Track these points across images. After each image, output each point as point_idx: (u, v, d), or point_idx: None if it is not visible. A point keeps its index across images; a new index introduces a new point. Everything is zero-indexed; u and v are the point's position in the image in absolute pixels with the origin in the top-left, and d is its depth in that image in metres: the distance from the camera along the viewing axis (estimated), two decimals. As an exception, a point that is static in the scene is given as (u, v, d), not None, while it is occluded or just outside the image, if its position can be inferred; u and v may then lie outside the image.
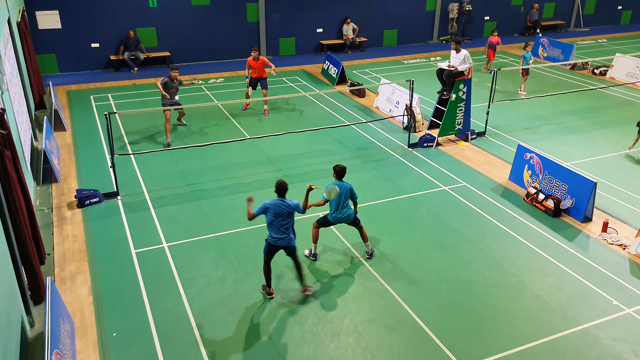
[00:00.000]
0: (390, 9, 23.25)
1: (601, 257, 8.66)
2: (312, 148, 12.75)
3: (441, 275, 8.19)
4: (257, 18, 21.07)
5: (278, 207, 7.17)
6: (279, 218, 7.20)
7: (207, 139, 13.15)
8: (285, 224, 7.27)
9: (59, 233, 9.22)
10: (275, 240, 7.32)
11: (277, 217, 7.19)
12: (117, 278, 8.04)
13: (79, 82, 18.04)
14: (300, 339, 6.89)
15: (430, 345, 6.82)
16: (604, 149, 12.81)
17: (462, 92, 12.73)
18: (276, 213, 7.17)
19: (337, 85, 17.91)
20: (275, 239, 7.31)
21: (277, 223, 7.23)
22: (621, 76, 18.45)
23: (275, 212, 7.17)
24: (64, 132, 13.69)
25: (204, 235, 9.15)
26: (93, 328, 7.04)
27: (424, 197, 10.52)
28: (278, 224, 7.23)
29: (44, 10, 18.06)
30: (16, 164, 7.70)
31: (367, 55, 22.34)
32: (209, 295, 7.67)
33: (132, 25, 19.26)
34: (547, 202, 9.94)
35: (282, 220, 7.23)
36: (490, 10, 25.38)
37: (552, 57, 21.12)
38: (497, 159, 12.29)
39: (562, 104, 16.00)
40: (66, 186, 10.85)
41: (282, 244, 7.34)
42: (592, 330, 7.11)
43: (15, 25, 13.28)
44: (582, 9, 27.73)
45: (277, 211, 7.17)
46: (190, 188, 10.82)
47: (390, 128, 14.15)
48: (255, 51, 14.52)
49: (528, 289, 7.90)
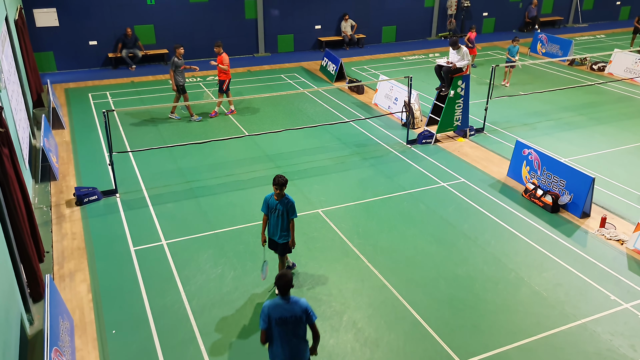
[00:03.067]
0: (389, 6, 23.22)
1: (599, 253, 8.68)
2: (310, 145, 12.76)
3: (440, 271, 8.21)
4: (255, 15, 21.04)
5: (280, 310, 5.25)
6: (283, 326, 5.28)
7: (206, 136, 13.14)
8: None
9: (58, 231, 9.23)
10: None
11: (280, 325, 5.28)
12: (116, 275, 8.05)
13: (77, 80, 18.01)
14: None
15: (429, 341, 6.84)
16: (602, 144, 12.82)
17: (460, 88, 12.73)
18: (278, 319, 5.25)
19: (335, 82, 17.90)
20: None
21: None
22: (619, 72, 18.45)
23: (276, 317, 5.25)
24: (62, 130, 13.68)
25: (202, 233, 9.16)
26: (92, 325, 7.06)
27: (422, 193, 10.53)
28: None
29: (41, 8, 18.02)
30: (14, 162, 7.70)
31: (365, 51, 22.31)
32: (207, 292, 7.69)
33: (130, 22, 19.22)
34: (545, 198, 9.96)
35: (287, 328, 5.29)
36: (488, 6, 25.36)
37: (550, 53, 21.11)
38: (496, 155, 12.29)
39: (561, 99, 16.01)
40: (65, 184, 10.85)
41: None
42: (590, 325, 7.13)
43: (12, 23, 13.26)
44: (580, 4, 27.70)
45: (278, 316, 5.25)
46: (188, 185, 10.82)
47: (389, 125, 14.15)
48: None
49: (526, 284, 7.92)
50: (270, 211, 7.25)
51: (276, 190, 7.04)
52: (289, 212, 7.21)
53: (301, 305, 5.22)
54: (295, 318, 5.19)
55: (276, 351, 5.32)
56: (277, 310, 5.19)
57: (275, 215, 7.23)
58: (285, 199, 7.17)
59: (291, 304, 5.21)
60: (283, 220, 7.25)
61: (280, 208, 7.18)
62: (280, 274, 5.21)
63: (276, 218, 7.25)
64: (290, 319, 5.19)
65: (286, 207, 7.18)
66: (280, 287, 5.19)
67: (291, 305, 5.20)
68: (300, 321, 5.23)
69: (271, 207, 7.23)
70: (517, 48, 17.02)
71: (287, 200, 7.18)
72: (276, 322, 5.19)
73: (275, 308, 5.19)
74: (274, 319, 5.19)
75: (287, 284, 5.18)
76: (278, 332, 5.23)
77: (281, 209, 7.18)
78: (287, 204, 7.18)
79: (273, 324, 5.21)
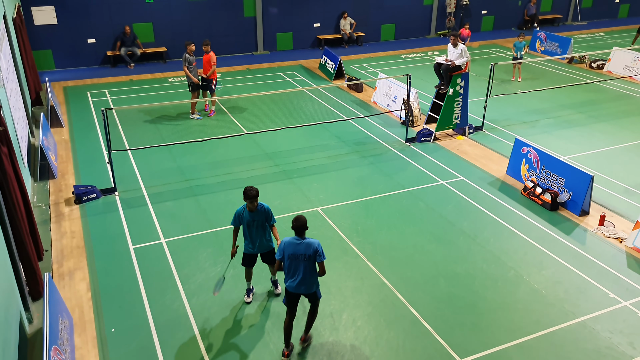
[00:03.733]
0: (388, 4, 23.19)
1: (598, 251, 8.69)
2: (309, 143, 12.75)
3: (439, 269, 8.21)
4: (254, 13, 21.01)
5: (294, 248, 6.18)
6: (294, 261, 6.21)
7: (205, 134, 13.12)
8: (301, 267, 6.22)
9: (57, 229, 9.21)
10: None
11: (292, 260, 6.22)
12: (115, 274, 8.04)
13: (76, 78, 17.98)
14: (298, 334, 6.90)
15: (429, 339, 6.84)
16: (601, 142, 12.83)
17: (459, 86, 12.72)
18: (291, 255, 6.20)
19: (334, 80, 17.88)
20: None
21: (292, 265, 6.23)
22: (618, 70, 18.45)
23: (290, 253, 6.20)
24: (61, 128, 13.66)
25: (202, 231, 9.16)
26: (92, 324, 7.05)
27: (421, 191, 10.53)
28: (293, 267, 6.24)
29: (39, 6, 17.98)
30: (13, 160, 7.69)
31: (364, 49, 22.30)
32: (207, 290, 7.68)
33: (128, 20, 19.19)
34: (544, 196, 9.96)
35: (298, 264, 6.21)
36: (487, 4, 25.34)
37: (549, 51, 21.10)
38: (495, 153, 12.30)
39: (560, 97, 16.01)
40: (64, 182, 10.84)
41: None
42: (589, 322, 7.14)
43: (11, 21, 13.23)
44: (579, 2, 27.70)
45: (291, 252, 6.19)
46: (187, 184, 10.81)
47: (388, 123, 14.15)
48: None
49: (525, 282, 7.93)
50: (248, 225, 6.89)
51: (251, 204, 6.73)
52: (269, 219, 6.95)
53: (313, 246, 6.08)
54: (305, 256, 6.10)
55: (288, 280, 6.29)
56: (291, 247, 6.12)
57: (255, 227, 6.89)
58: (261, 208, 6.85)
59: (304, 244, 6.10)
60: (265, 230, 6.98)
61: (258, 219, 6.85)
62: (295, 217, 6.09)
63: (256, 230, 6.91)
64: (301, 257, 6.10)
65: (265, 216, 6.90)
66: (295, 229, 6.09)
67: (304, 245, 6.09)
68: (310, 259, 6.11)
69: (246, 220, 6.86)
70: (523, 44, 17.05)
71: (263, 208, 6.87)
72: (289, 257, 6.14)
73: (290, 245, 6.13)
74: (287, 254, 6.13)
75: (302, 226, 6.10)
76: (289, 265, 6.19)
77: (260, 219, 6.87)
78: (265, 213, 6.88)
79: (286, 257, 6.16)
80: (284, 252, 6.19)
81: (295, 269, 6.20)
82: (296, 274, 6.22)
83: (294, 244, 6.15)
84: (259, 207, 6.86)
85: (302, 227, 6.11)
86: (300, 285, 6.26)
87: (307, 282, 6.25)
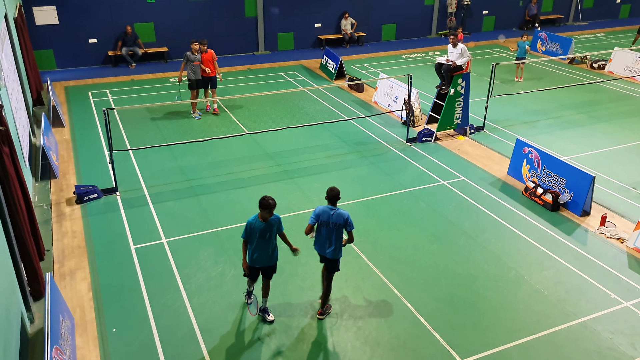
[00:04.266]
0: (389, 4, 23.19)
1: (599, 251, 8.69)
2: (310, 143, 12.75)
3: (440, 269, 8.21)
4: (255, 13, 21.01)
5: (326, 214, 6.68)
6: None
7: (206, 134, 13.13)
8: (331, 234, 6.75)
9: (58, 229, 9.22)
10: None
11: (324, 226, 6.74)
12: (116, 274, 8.05)
13: (77, 78, 17.99)
14: (299, 334, 6.91)
15: (429, 339, 6.84)
16: (603, 142, 12.82)
17: (460, 86, 12.72)
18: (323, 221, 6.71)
19: (335, 80, 17.88)
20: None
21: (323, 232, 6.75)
22: (619, 70, 18.44)
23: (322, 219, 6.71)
24: (62, 128, 13.67)
25: (203, 231, 9.16)
26: (93, 324, 7.06)
27: (422, 191, 10.53)
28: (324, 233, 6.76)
29: (41, 6, 17.99)
30: (14, 160, 7.70)
31: (365, 49, 22.29)
32: (208, 290, 7.69)
33: (129, 20, 19.19)
34: (545, 196, 9.96)
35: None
36: (488, 4, 25.33)
37: (550, 51, 21.09)
38: (496, 153, 12.29)
39: (561, 98, 16.00)
40: (65, 182, 10.84)
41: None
42: (590, 323, 7.14)
43: (12, 21, 13.24)
44: (580, 2, 27.68)
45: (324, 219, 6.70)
46: (189, 183, 10.82)
47: (389, 123, 14.15)
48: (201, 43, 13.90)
49: (527, 282, 7.93)
50: (260, 236, 6.60)
51: (268, 214, 6.52)
52: (279, 229, 6.73)
53: (343, 216, 6.65)
54: (335, 224, 6.68)
55: (318, 242, 6.90)
56: (324, 215, 6.70)
57: (266, 238, 6.65)
58: (274, 218, 6.63)
59: (336, 213, 6.65)
60: (271, 242, 6.73)
61: (269, 229, 6.62)
62: (330, 188, 6.71)
63: (266, 241, 6.67)
64: (332, 224, 6.68)
65: (277, 226, 6.69)
66: (330, 199, 6.68)
67: (336, 214, 6.65)
68: (339, 227, 6.69)
69: (258, 230, 6.58)
70: (526, 44, 17.03)
71: (275, 218, 6.65)
72: (320, 223, 6.72)
73: (323, 212, 6.71)
74: (320, 220, 6.70)
75: (335, 197, 6.70)
76: (320, 230, 6.80)
77: (271, 230, 6.65)
78: (277, 223, 6.69)
79: (319, 223, 6.73)
80: (318, 218, 6.72)
81: (326, 235, 6.76)
82: (326, 239, 6.79)
83: (328, 212, 6.69)
84: (272, 217, 6.64)
85: (335, 198, 6.70)
86: (328, 250, 6.81)
87: (334, 248, 6.79)
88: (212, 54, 14.09)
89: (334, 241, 6.77)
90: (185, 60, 13.80)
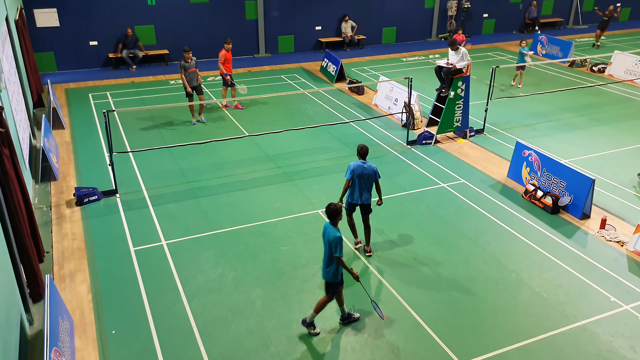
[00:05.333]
0: (389, 7, 23.23)
1: (599, 254, 8.68)
2: (311, 145, 12.76)
3: (440, 271, 8.20)
4: (255, 16, 21.05)
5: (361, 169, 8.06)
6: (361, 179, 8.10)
7: (206, 136, 13.14)
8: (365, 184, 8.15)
9: (58, 231, 9.22)
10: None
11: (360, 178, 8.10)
12: (116, 276, 8.04)
13: (78, 80, 18.01)
14: (298, 337, 6.91)
15: (429, 342, 6.83)
16: (603, 145, 12.82)
17: (460, 89, 12.73)
18: (359, 174, 8.06)
19: (335, 82, 17.90)
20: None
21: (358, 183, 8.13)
22: (620, 73, 18.45)
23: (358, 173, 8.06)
24: (63, 130, 13.68)
25: (202, 233, 9.16)
26: (92, 326, 7.05)
27: (422, 194, 10.53)
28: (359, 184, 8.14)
29: (42, 8, 18.03)
30: (15, 162, 7.70)
31: (365, 52, 22.32)
32: (208, 292, 7.68)
33: (130, 23, 19.23)
34: (545, 199, 9.96)
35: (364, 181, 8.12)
36: (488, 7, 25.37)
37: (550, 55, 21.11)
38: (496, 156, 12.30)
39: (561, 101, 16.01)
40: (65, 184, 10.85)
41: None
42: (590, 326, 7.13)
43: (13, 23, 13.26)
44: (580, 6, 27.72)
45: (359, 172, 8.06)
46: (189, 186, 10.82)
47: (389, 125, 14.15)
48: (230, 43, 14.54)
49: (527, 285, 7.92)
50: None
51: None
52: (333, 249, 6.55)
53: (372, 167, 8.02)
54: (368, 175, 7.99)
55: (354, 194, 8.10)
56: (359, 168, 7.96)
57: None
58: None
59: (367, 165, 7.98)
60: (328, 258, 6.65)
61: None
62: (361, 146, 8.09)
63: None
64: (365, 175, 7.97)
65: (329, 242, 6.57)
66: (362, 154, 8.04)
67: (367, 166, 7.98)
68: (371, 177, 8.01)
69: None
70: (525, 49, 16.86)
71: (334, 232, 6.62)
72: (357, 175, 7.94)
73: (357, 166, 7.95)
74: (356, 173, 7.91)
75: (366, 152, 8.12)
76: (357, 182, 8.05)
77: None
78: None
79: (355, 176, 7.94)
80: (354, 172, 7.93)
81: (360, 185, 8.07)
82: (360, 189, 8.09)
83: (361, 166, 8.02)
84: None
85: (366, 153, 8.11)
86: (363, 197, 8.13)
87: (368, 195, 8.11)
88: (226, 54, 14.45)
89: (368, 190, 8.06)
90: (182, 69, 13.51)
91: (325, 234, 6.57)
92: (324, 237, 6.62)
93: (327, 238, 6.49)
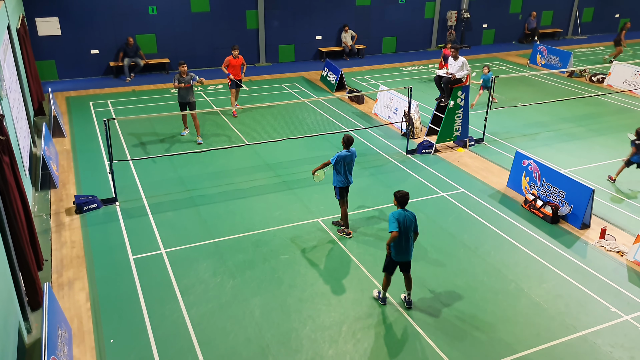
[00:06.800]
0: (389, 17, 23.36)
1: (599, 264, 8.67)
2: (310, 154, 12.77)
3: (439, 281, 8.19)
4: (256, 25, 21.16)
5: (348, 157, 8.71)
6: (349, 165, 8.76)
7: (206, 145, 13.16)
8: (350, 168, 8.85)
9: (57, 239, 9.21)
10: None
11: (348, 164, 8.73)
12: (115, 284, 8.02)
13: (78, 88, 18.07)
14: (298, 346, 6.88)
15: (429, 351, 6.81)
16: (602, 155, 12.84)
17: (460, 99, 12.77)
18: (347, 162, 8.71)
19: (335, 91, 17.96)
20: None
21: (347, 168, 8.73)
22: (619, 84, 18.52)
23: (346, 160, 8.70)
24: (63, 138, 13.71)
25: (202, 242, 9.15)
26: (91, 334, 7.03)
27: (422, 203, 10.53)
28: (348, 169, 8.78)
29: (43, 17, 18.13)
30: (15, 169, 7.71)
31: (365, 62, 22.42)
32: (207, 301, 7.66)
33: (131, 31, 19.33)
34: (545, 209, 9.96)
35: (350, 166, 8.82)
36: (488, 18, 25.51)
37: (550, 65, 21.21)
38: (495, 165, 12.31)
39: (560, 111, 16.06)
40: (65, 192, 10.85)
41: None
42: (590, 337, 7.10)
43: (14, 32, 13.32)
44: (579, 17, 27.87)
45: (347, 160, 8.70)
46: (188, 194, 10.82)
47: (389, 134, 14.18)
48: (237, 49, 14.99)
49: (526, 295, 7.90)
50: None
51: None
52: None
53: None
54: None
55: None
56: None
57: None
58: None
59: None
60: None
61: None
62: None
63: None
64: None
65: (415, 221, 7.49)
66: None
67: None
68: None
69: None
70: (489, 75, 15.42)
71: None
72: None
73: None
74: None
75: (350, 143, 8.66)
76: (343, 168, 8.69)
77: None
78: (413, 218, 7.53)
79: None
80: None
81: (345, 170, 8.77)
82: (345, 173, 8.79)
83: (349, 155, 8.70)
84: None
85: (352, 143, 8.64)
86: (348, 179, 8.87)
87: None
88: (242, 60, 15.13)
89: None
90: (177, 82, 12.92)
91: (408, 218, 7.20)
92: (407, 222, 7.18)
93: (413, 219, 7.27)
